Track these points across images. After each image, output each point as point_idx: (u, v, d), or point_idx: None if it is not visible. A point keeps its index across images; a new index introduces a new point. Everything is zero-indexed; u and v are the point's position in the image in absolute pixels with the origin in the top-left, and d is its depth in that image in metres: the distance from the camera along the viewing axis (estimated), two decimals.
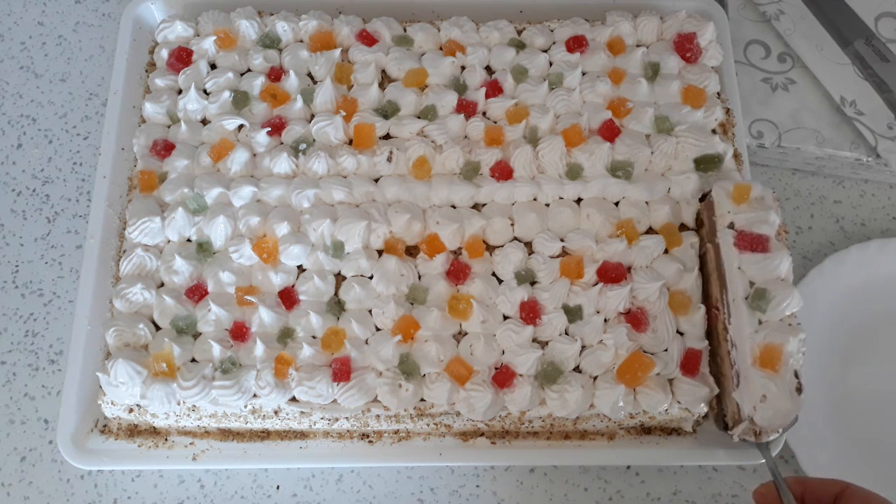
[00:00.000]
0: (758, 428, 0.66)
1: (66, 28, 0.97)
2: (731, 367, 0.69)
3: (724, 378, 0.70)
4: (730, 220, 0.71)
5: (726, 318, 0.70)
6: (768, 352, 0.66)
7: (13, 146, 0.90)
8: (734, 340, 0.69)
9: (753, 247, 0.69)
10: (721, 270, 0.71)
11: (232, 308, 0.72)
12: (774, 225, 0.70)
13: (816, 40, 0.91)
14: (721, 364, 0.71)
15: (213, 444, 0.73)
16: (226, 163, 0.78)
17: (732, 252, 0.69)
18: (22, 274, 0.84)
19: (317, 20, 0.85)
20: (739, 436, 0.67)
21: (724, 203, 0.72)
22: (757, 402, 0.65)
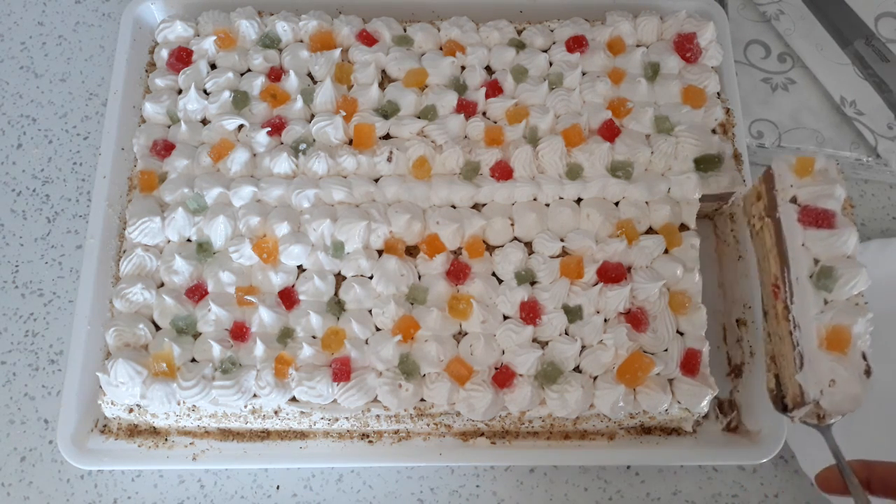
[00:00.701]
0: (823, 412, 0.63)
1: (66, 28, 0.97)
2: (794, 348, 0.66)
3: (783, 359, 0.68)
4: (792, 193, 0.68)
5: (788, 298, 0.67)
6: (836, 333, 0.63)
7: (13, 146, 0.90)
8: (797, 321, 0.66)
9: (819, 222, 0.66)
10: (782, 247, 0.68)
11: (232, 308, 0.72)
12: (840, 199, 0.67)
13: (816, 40, 0.91)
14: (780, 344, 0.68)
15: (213, 444, 0.73)
16: (226, 163, 0.78)
17: (796, 228, 0.67)
18: (22, 274, 0.84)
19: (317, 20, 0.85)
20: (801, 418, 0.65)
21: (785, 176, 0.69)
22: (825, 385, 0.62)
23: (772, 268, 0.70)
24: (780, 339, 0.68)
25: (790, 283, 0.66)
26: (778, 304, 0.69)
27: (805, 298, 0.65)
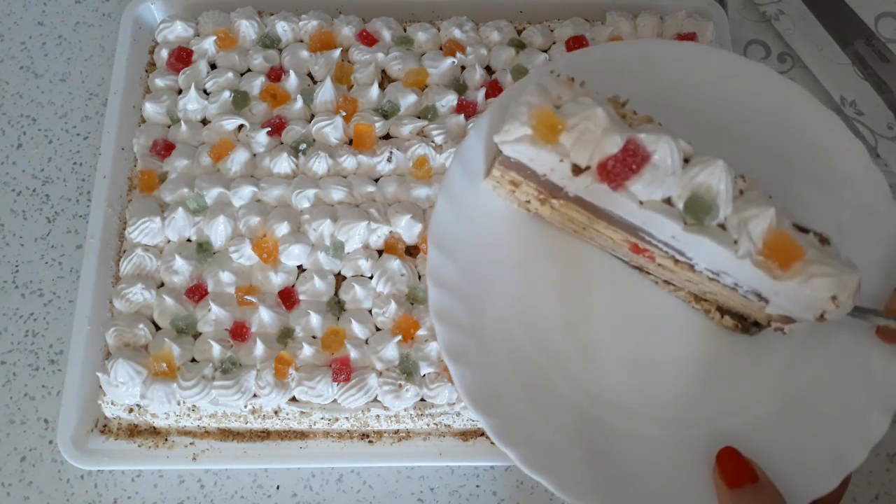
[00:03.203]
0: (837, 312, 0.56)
1: (66, 28, 0.97)
2: (735, 291, 0.60)
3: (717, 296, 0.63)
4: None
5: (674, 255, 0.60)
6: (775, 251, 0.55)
7: (13, 146, 0.90)
8: (715, 268, 0.59)
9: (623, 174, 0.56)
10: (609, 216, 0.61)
11: (232, 308, 0.72)
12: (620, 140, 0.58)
13: (816, 40, 0.91)
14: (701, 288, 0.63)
15: (213, 444, 0.73)
16: (226, 163, 0.78)
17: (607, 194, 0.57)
18: (22, 274, 0.84)
19: (317, 20, 0.85)
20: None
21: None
22: (826, 306, 0.55)
23: (612, 237, 0.62)
24: (695, 284, 0.62)
25: (661, 243, 0.58)
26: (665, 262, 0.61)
27: (700, 244, 0.55)
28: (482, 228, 0.64)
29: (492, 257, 0.63)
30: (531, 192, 0.61)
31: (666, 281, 0.64)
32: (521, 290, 0.64)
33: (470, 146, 0.63)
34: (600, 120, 0.54)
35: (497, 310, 0.62)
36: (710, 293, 0.62)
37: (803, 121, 0.67)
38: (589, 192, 0.57)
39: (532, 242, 0.65)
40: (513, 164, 0.58)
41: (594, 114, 0.55)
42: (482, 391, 0.58)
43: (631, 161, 0.54)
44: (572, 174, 0.56)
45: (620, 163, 0.54)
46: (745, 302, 0.60)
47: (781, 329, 0.60)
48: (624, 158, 0.54)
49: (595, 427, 0.60)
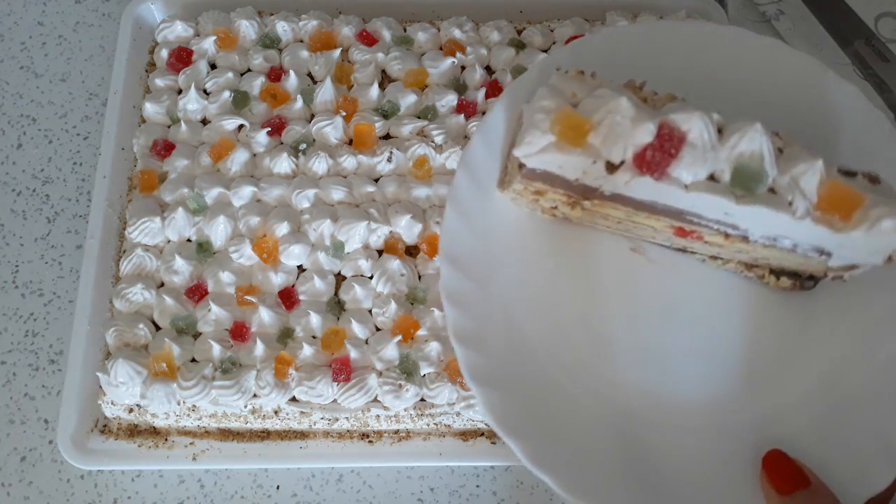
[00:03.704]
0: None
1: (66, 28, 0.97)
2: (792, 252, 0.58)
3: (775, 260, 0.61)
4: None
5: (724, 231, 0.58)
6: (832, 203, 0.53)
7: (13, 146, 0.90)
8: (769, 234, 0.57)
9: (661, 161, 0.54)
10: (647, 206, 0.59)
11: (232, 308, 0.72)
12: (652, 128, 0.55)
13: (816, 40, 0.91)
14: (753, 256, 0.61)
15: (213, 444, 0.73)
16: (226, 163, 0.78)
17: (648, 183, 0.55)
18: (22, 274, 0.84)
19: (317, 20, 0.85)
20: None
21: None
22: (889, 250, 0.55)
23: (654, 226, 0.59)
24: (747, 253, 0.59)
25: (711, 222, 0.56)
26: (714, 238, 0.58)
27: (754, 215, 0.54)
28: (497, 239, 0.61)
29: (511, 271, 0.60)
30: (559, 199, 0.59)
31: (713, 256, 0.61)
32: (546, 300, 0.61)
33: (475, 153, 0.60)
34: (626, 110, 0.51)
35: (520, 326, 0.60)
36: (763, 259, 0.59)
37: (820, 92, 0.65)
38: (628, 188, 0.54)
39: (554, 248, 0.62)
40: (538, 175, 0.55)
41: (619, 105, 0.51)
42: (512, 414, 0.55)
43: (668, 146, 0.51)
44: (607, 173, 0.53)
45: (658, 150, 0.51)
46: (804, 260, 0.57)
47: (841, 276, 0.57)
48: (661, 145, 0.51)
49: (631, 438, 0.57)
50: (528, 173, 0.55)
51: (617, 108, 0.51)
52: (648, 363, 0.60)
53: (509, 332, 0.59)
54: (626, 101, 0.51)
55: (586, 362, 0.60)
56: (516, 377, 0.57)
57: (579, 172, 0.54)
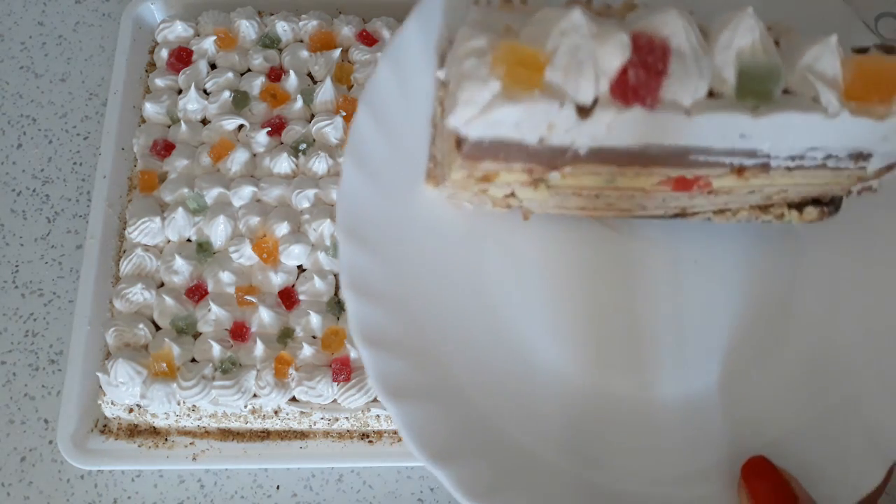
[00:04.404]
0: None
1: (66, 28, 0.97)
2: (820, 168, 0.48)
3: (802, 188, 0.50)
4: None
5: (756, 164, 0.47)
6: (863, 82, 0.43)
7: (13, 146, 0.90)
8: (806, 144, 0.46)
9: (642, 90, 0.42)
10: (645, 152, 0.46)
11: (232, 308, 0.72)
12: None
13: None
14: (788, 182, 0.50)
15: (213, 444, 0.73)
16: (226, 163, 0.78)
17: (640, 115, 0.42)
18: (22, 274, 0.84)
19: (317, 20, 0.85)
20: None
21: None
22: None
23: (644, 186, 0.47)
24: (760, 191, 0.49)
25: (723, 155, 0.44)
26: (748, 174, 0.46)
27: (779, 126, 0.42)
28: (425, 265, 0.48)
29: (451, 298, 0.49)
30: (516, 179, 0.45)
31: (719, 210, 0.51)
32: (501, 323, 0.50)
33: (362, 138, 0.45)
34: (583, 27, 0.39)
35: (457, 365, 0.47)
36: (780, 192, 0.49)
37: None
38: (611, 134, 0.41)
39: (513, 254, 0.51)
40: (487, 149, 0.41)
41: (573, 22, 0.39)
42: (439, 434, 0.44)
43: (654, 59, 0.40)
44: (579, 118, 0.40)
45: (642, 67, 0.40)
46: (833, 176, 0.47)
47: (870, 187, 0.48)
48: (643, 61, 0.40)
49: (586, 427, 0.49)
50: (472, 150, 0.41)
51: (573, 28, 0.39)
52: (615, 360, 0.51)
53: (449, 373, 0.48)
54: (579, 14, 0.39)
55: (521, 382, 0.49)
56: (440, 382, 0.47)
57: (543, 128, 0.40)
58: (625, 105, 0.40)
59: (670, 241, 0.53)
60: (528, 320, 0.50)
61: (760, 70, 0.41)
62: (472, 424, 0.46)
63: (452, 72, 0.40)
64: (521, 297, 0.51)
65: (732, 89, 0.41)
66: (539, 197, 0.47)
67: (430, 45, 0.46)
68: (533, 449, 0.47)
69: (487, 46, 0.39)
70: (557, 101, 0.39)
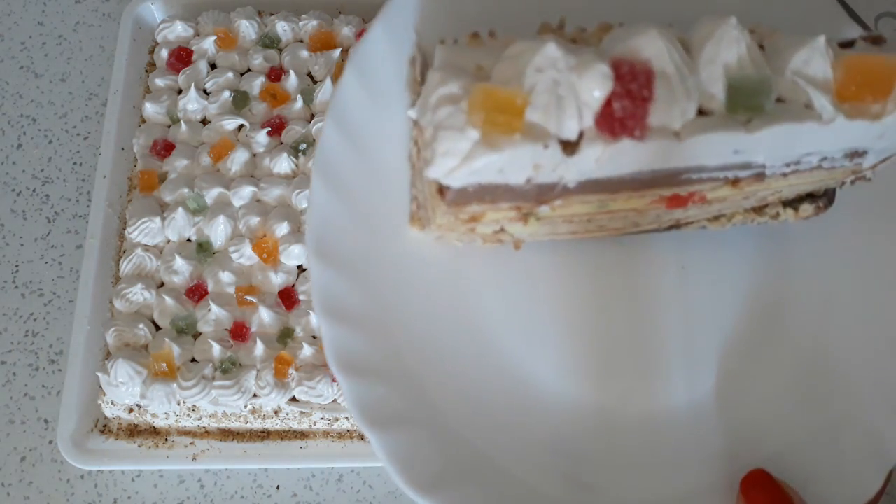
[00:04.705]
0: None
1: (66, 28, 0.97)
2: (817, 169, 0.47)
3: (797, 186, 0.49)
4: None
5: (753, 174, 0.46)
6: (857, 80, 0.41)
7: (13, 146, 0.90)
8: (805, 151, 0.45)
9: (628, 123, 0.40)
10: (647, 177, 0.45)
11: (232, 308, 0.72)
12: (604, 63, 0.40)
13: None
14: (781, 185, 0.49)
15: (213, 444, 0.73)
16: (226, 163, 0.78)
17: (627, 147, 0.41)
18: (22, 274, 0.84)
19: (317, 20, 0.85)
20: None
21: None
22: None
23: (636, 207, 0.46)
24: (755, 195, 0.47)
25: (716, 170, 0.42)
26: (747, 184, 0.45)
27: (773, 138, 0.40)
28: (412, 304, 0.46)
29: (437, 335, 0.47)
30: (504, 216, 0.44)
31: (713, 218, 0.49)
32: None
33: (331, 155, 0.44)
34: (560, 60, 0.37)
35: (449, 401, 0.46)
36: (775, 193, 0.48)
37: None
38: (601, 166, 0.39)
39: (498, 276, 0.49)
40: (472, 195, 0.40)
41: (548, 57, 0.37)
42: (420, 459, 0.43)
43: (638, 87, 0.37)
44: (566, 155, 0.38)
45: (627, 97, 0.37)
46: (829, 174, 0.45)
47: (864, 177, 0.47)
48: (627, 90, 0.37)
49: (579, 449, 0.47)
50: (456, 197, 0.39)
51: (548, 62, 0.36)
52: (609, 378, 0.50)
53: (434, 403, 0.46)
54: (554, 46, 0.36)
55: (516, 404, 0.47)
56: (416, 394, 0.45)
57: (528, 169, 0.38)
58: (612, 138, 0.38)
59: (658, 250, 0.51)
60: (514, 341, 0.49)
61: (751, 84, 0.39)
62: (459, 452, 0.44)
63: (427, 119, 0.38)
64: (508, 319, 0.49)
65: (722, 105, 0.39)
66: (529, 229, 0.45)
67: (397, 51, 0.45)
68: (524, 476, 0.45)
69: (461, 92, 0.36)
70: (541, 143, 0.37)
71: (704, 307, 0.51)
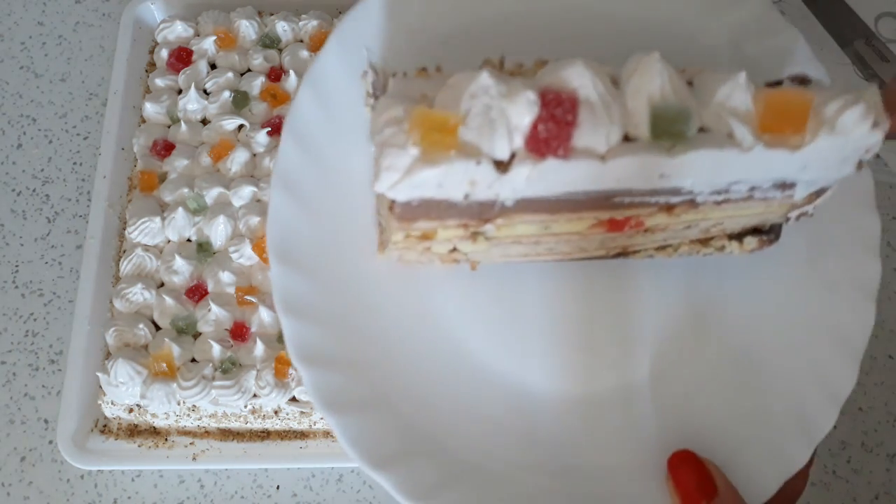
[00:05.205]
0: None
1: (66, 28, 0.97)
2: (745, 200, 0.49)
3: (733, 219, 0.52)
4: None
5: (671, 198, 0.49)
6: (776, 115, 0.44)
7: (13, 146, 0.90)
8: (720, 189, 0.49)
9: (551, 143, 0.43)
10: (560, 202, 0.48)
11: (232, 308, 0.72)
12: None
13: (816, 40, 0.91)
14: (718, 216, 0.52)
15: (213, 444, 0.73)
16: (226, 163, 0.78)
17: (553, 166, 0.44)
18: (22, 274, 0.84)
19: (317, 20, 0.85)
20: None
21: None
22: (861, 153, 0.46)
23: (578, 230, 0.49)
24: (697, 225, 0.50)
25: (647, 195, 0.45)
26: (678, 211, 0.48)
27: (696, 164, 0.43)
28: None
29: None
30: (454, 235, 0.47)
31: (660, 248, 0.52)
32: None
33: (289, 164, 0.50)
34: (493, 86, 0.41)
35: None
36: (717, 225, 0.50)
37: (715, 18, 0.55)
38: (533, 184, 0.43)
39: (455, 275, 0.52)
40: (417, 210, 0.44)
41: (481, 84, 0.41)
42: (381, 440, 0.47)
43: (562, 112, 0.41)
44: (499, 173, 0.42)
45: (552, 120, 0.41)
46: (763, 206, 0.48)
47: (806, 212, 0.50)
48: (550, 115, 0.41)
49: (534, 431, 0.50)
50: (404, 211, 0.44)
51: (481, 88, 0.41)
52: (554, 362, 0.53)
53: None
54: (487, 75, 0.41)
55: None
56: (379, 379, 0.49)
57: (465, 185, 0.42)
58: (539, 157, 0.41)
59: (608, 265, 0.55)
60: (464, 332, 0.52)
61: (671, 112, 0.42)
62: (410, 433, 0.48)
63: (376, 140, 0.42)
64: (460, 311, 0.52)
65: (647, 132, 0.42)
66: (480, 248, 0.49)
67: (351, 68, 0.49)
68: (476, 457, 0.49)
69: (404, 115, 0.41)
70: (474, 160, 0.41)
71: (645, 305, 0.54)
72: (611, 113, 0.42)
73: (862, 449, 0.78)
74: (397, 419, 0.48)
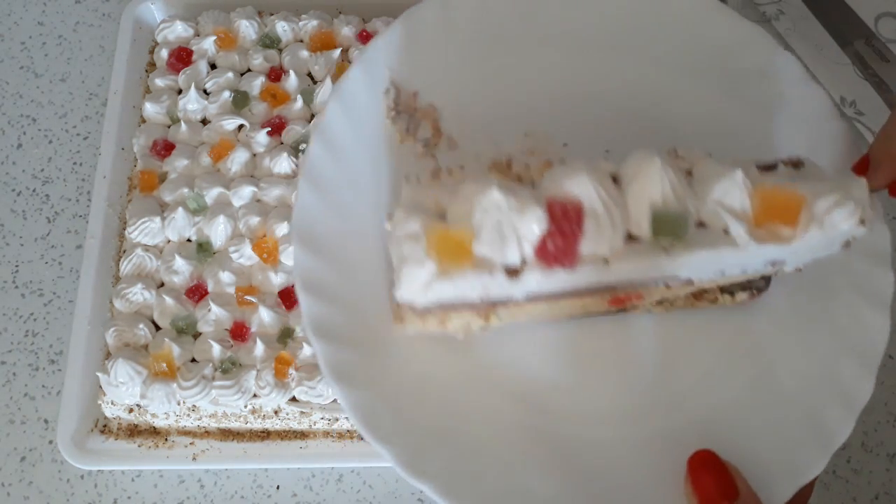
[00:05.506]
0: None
1: (66, 28, 0.97)
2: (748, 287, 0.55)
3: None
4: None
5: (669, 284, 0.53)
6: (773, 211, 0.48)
7: (13, 146, 0.90)
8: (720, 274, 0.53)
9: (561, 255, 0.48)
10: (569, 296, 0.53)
11: (232, 308, 0.72)
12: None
13: (816, 40, 0.91)
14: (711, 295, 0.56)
15: (213, 444, 0.73)
16: (226, 163, 0.78)
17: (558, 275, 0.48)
18: (22, 274, 0.84)
19: (317, 20, 0.85)
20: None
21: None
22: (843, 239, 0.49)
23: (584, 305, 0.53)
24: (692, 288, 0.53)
25: (648, 281, 0.50)
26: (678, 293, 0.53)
27: (693, 260, 0.47)
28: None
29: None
30: (469, 316, 0.50)
31: (658, 303, 0.55)
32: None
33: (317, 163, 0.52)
34: (502, 202, 0.44)
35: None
36: (710, 286, 0.54)
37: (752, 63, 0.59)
38: (542, 285, 0.47)
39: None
40: (435, 308, 0.48)
41: (492, 200, 0.44)
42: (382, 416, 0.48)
43: (569, 227, 0.44)
44: (510, 280, 0.45)
45: (560, 236, 0.44)
46: (757, 274, 0.52)
47: (799, 268, 0.52)
48: (559, 229, 0.44)
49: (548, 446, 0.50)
50: (422, 311, 0.48)
51: (493, 205, 0.44)
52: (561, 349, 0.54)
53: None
54: (496, 192, 0.44)
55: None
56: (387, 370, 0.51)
57: (479, 289, 0.46)
58: (548, 267, 0.45)
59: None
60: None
61: (670, 217, 0.45)
62: (415, 411, 0.50)
63: (394, 251, 0.45)
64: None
65: (648, 232, 0.46)
66: (493, 324, 0.52)
67: (375, 89, 0.55)
68: (485, 437, 0.50)
69: (421, 231, 0.44)
70: (487, 271, 0.44)
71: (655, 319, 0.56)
72: (613, 218, 0.45)
73: (862, 449, 0.78)
74: (399, 396, 0.49)
